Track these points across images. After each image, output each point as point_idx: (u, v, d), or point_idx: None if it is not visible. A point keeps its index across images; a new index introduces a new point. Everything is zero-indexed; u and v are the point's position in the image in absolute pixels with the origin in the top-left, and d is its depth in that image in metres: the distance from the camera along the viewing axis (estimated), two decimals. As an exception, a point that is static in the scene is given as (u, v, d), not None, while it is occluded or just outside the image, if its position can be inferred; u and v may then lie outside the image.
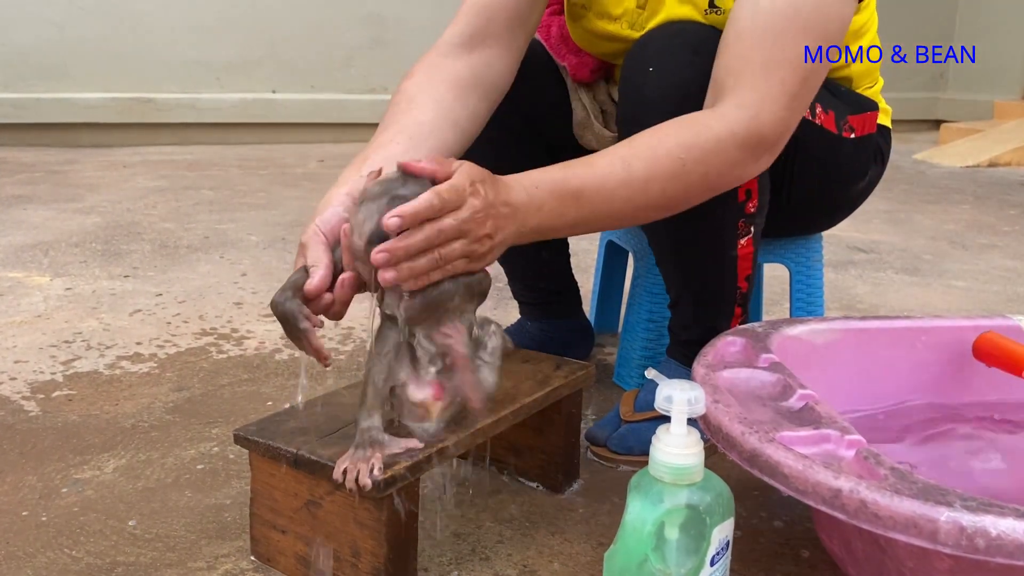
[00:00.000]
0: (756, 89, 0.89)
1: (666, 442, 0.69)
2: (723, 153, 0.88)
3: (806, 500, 0.68)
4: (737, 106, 0.89)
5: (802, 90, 0.91)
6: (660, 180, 0.87)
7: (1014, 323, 1.06)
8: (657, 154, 0.87)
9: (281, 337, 1.54)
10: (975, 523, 0.60)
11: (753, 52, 0.89)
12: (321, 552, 0.82)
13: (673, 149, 0.87)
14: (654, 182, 0.87)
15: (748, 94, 0.89)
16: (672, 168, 0.87)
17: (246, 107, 4.12)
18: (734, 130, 0.88)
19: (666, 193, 0.88)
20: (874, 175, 1.21)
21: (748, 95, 0.89)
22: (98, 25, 3.89)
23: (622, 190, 0.86)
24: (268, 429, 0.84)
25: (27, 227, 2.34)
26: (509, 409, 0.90)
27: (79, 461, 1.09)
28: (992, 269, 2.19)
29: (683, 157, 0.87)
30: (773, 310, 1.74)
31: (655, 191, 0.87)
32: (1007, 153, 4.02)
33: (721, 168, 0.90)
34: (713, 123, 0.88)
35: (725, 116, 0.89)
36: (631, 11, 1.06)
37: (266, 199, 2.84)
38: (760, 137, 0.89)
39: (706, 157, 0.88)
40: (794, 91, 0.90)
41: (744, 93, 0.89)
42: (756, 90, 0.89)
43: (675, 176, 0.87)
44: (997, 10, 5.28)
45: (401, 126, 0.94)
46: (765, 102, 0.89)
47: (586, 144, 1.24)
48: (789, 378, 0.85)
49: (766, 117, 0.89)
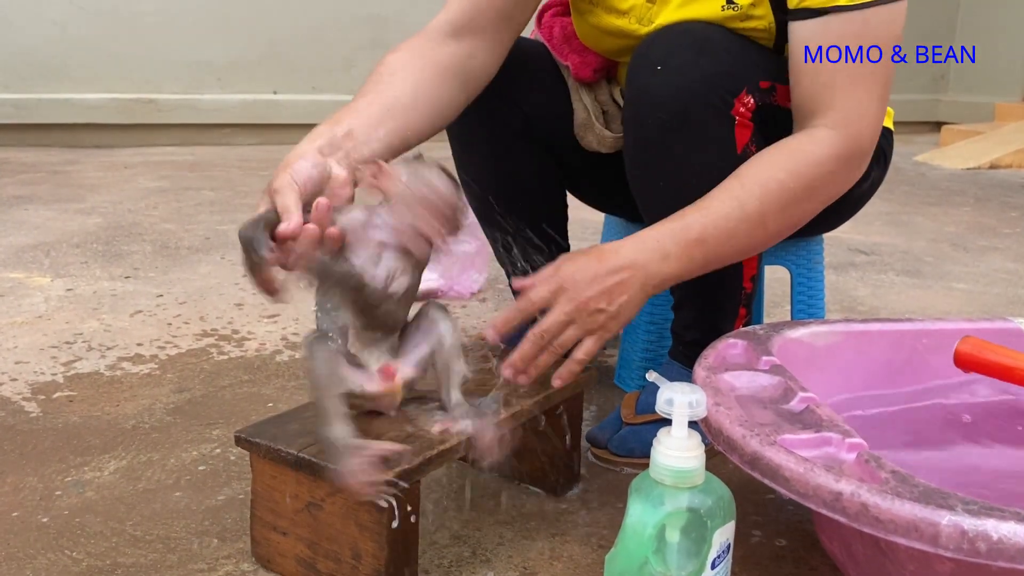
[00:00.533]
0: (847, 109, 0.93)
1: (667, 445, 0.69)
2: (828, 175, 0.93)
3: (807, 503, 0.68)
4: (831, 126, 0.93)
5: (885, 94, 0.95)
6: (775, 213, 0.92)
7: (1015, 326, 1.06)
8: (768, 189, 0.91)
9: (282, 339, 1.54)
10: (976, 527, 0.60)
11: (835, 77, 0.93)
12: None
13: (783, 181, 0.91)
14: (770, 216, 0.92)
15: (839, 114, 0.93)
16: (784, 199, 0.92)
17: (247, 108, 4.12)
18: (833, 152, 0.93)
19: (783, 222, 0.94)
20: (876, 177, 1.21)
21: (839, 115, 0.93)
22: (99, 25, 3.89)
23: (742, 227, 0.91)
24: (269, 431, 0.84)
25: (28, 228, 2.34)
26: (510, 412, 0.90)
27: (80, 462, 1.09)
28: (993, 271, 2.19)
29: (792, 187, 0.91)
30: (774, 312, 1.74)
31: (772, 224, 0.93)
32: (1008, 155, 4.01)
33: (828, 187, 0.95)
34: (813, 148, 0.93)
35: (823, 140, 0.93)
36: (640, 5, 1.06)
37: (267, 200, 2.84)
38: (859, 149, 0.95)
39: (813, 183, 0.93)
40: (880, 96, 0.94)
41: (836, 114, 0.93)
42: (847, 109, 0.93)
43: (788, 206, 0.92)
44: (998, 12, 5.28)
45: (378, 94, 0.96)
46: (859, 117, 0.93)
47: (587, 145, 1.24)
48: (790, 381, 0.85)
49: (863, 130, 0.94)
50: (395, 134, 0.94)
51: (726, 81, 0.97)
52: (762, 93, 0.99)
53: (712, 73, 0.96)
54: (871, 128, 0.95)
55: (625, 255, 0.88)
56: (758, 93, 0.99)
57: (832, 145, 0.92)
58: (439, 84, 1.01)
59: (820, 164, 0.92)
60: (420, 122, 0.98)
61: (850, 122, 0.93)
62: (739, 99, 0.97)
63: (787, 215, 0.93)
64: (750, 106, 0.98)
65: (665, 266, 0.89)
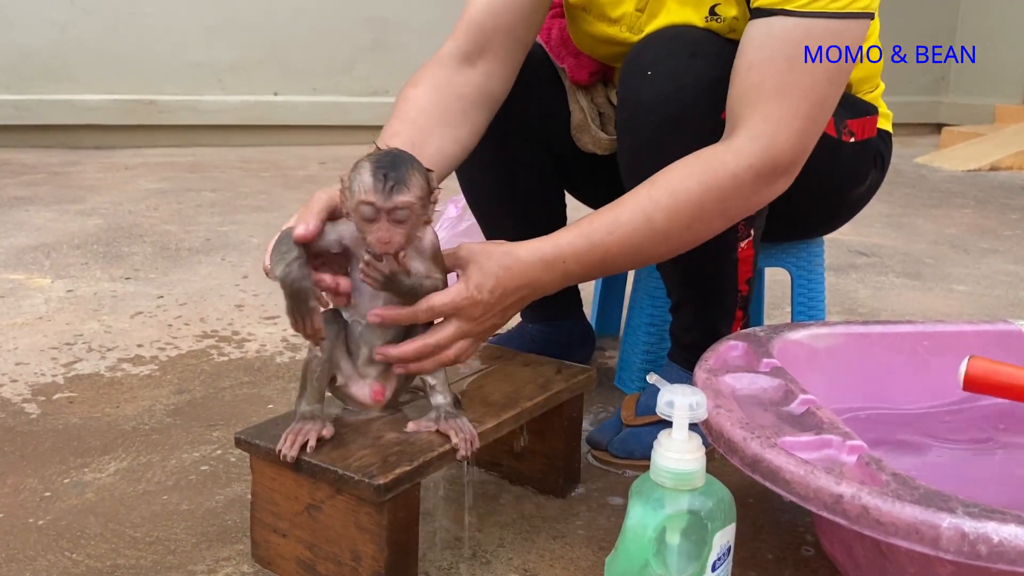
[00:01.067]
0: (769, 118, 0.89)
1: (668, 447, 0.69)
2: (741, 188, 0.90)
3: (808, 506, 0.68)
4: (751, 137, 0.89)
5: (818, 113, 0.91)
6: (681, 227, 0.91)
7: (1015, 328, 1.06)
8: (678, 202, 0.89)
9: (282, 340, 1.54)
10: (977, 529, 0.60)
11: (765, 80, 0.89)
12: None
13: (694, 193, 0.89)
14: (675, 231, 0.90)
15: (761, 124, 0.89)
16: (693, 213, 0.90)
17: (248, 109, 4.12)
18: (750, 163, 0.89)
19: (687, 237, 0.93)
20: (874, 179, 1.21)
21: (761, 125, 0.89)
22: (100, 27, 3.90)
23: (647, 244, 0.90)
24: (269, 432, 0.84)
25: (29, 229, 2.34)
26: (510, 413, 0.90)
27: (80, 464, 1.09)
28: (994, 273, 2.19)
29: (702, 200, 0.89)
30: (774, 314, 1.74)
31: (676, 238, 0.92)
32: (1008, 157, 4.01)
33: (739, 202, 0.92)
34: (729, 159, 0.89)
35: (741, 150, 0.89)
36: (630, 14, 1.06)
37: (268, 201, 2.84)
38: (775, 164, 0.90)
39: (724, 196, 0.90)
40: (809, 114, 0.90)
41: (757, 123, 0.89)
42: (769, 118, 0.89)
43: (695, 220, 0.91)
44: (998, 13, 5.28)
45: (406, 137, 0.96)
46: (780, 129, 0.89)
47: (583, 147, 1.24)
48: (791, 383, 0.85)
49: (782, 144, 0.89)
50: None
51: (716, 86, 0.97)
52: None
53: (702, 78, 0.96)
54: (789, 144, 0.89)
55: (531, 274, 0.87)
56: None
57: (750, 157, 0.89)
58: (462, 117, 1.03)
59: (734, 176, 0.89)
60: (446, 159, 1.01)
61: (770, 134, 0.88)
62: None
63: (693, 231, 0.92)
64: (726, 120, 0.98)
65: (561, 283, 0.90)
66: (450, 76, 1.05)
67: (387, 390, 0.87)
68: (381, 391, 0.86)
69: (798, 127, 0.89)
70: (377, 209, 0.75)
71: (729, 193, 0.90)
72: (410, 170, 0.77)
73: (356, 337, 0.84)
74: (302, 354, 1.47)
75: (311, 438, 0.80)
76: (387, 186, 0.75)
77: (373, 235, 0.76)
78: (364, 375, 0.86)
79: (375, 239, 0.76)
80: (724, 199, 0.90)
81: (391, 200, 0.75)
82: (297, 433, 0.81)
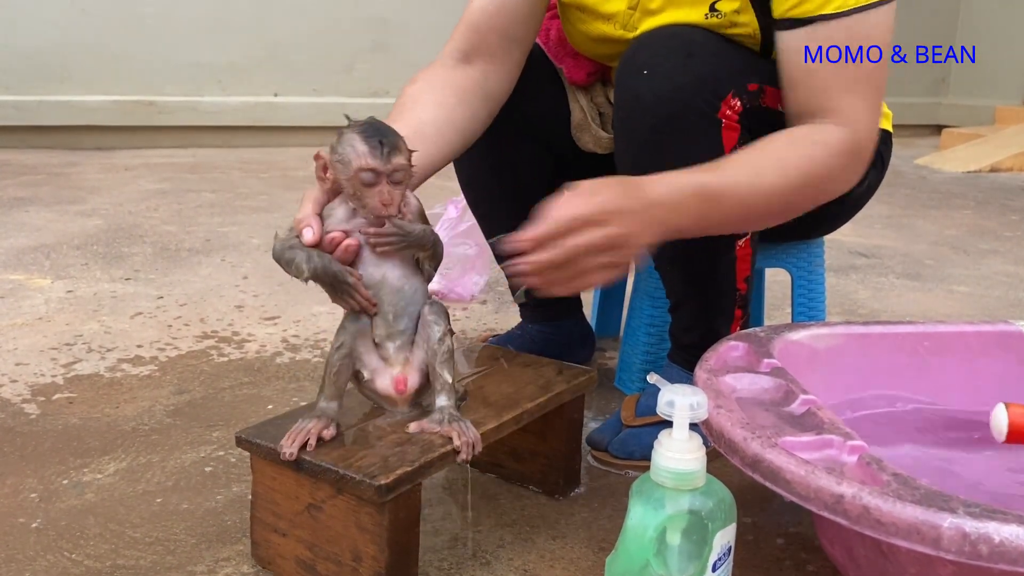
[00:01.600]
0: (845, 109, 0.94)
1: (668, 447, 0.68)
2: (838, 167, 0.95)
3: (808, 506, 0.68)
4: (837, 124, 0.94)
5: (879, 96, 0.97)
6: (787, 191, 0.93)
7: (1016, 328, 1.06)
8: (786, 165, 0.92)
9: (282, 341, 1.54)
10: (978, 529, 0.60)
11: (828, 78, 0.94)
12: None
13: (801, 161, 0.93)
14: (780, 193, 0.93)
15: (840, 116, 0.94)
16: (798, 180, 0.93)
17: (248, 110, 4.12)
18: (844, 145, 0.94)
19: (790, 203, 0.96)
20: (873, 180, 1.21)
21: (840, 117, 0.94)
22: (100, 27, 3.90)
23: (753, 198, 0.91)
24: (270, 432, 0.84)
25: (29, 229, 2.34)
26: (511, 414, 0.90)
27: (79, 464, 1.09)
28: (994, 274, 2.19)
29: (807, 169, 0.93)
30: (775, 315, 1.74)
31: (779, 200, 0.94)
32: (1009, 158, 4.01)
33: (837, 179, 0.97)
34: (826, 137, 0.94)
35: (832, 132, 0.94)
36: (623, 12, 1.07)
37: (268, 202, 2.84)
38: (861, 148, 0.96)
39: (823, 170, 0.94)
40: (874, 99, 0.96)
41: (836, 116, 0.94)
42: (845, 110, 0.94)
43: (800, 187, 0.94)
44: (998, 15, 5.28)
45: (404, 122, 0.97)
46: (860, 119, 0.95)
47: (583, 146, 1.24)
48: (791, 383, 0.85)
49: (862, 131, 0.95)
50: (424, 158, 0.96)
51: (712, 84, 0.97)
52: (750, 96, 0.99)
53: (698, 77, 0.97)
54: (868, 131, 0.96)
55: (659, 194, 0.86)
56: (745, 96, 0.99)
57: (840, 139, 0.94)
58: (460, 104, 1.05)
59: (830, 155, 0.94)
60: (447, 144, 1.02)
61: (851, 123, 0.94)
62: (725, 102, 0.98)
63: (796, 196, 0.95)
64: (737, 109, 0.98)
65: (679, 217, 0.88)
66: (447, 72, 1.07)
67: (410, 381, 0.86)
68: (403, 381, 0.85)
69: (871, 115, 0.96)
70: (378, 173, 0.79)
71: (826, 170, 0.94)
72: (396, 135, 0.81)
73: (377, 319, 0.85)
74: (302, 355, 1.47)
75: (312, 437, 0.80)
76: (384, 151, 0.79)
77: (375, 198, 0.79)
78: (388, 369, 0.85)
79: (378, 201, 0.79)
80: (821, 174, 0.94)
81: (390, 163, 0.79)
82: (299, 432, 0.81)
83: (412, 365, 0.86)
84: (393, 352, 0.85)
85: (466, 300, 1.80)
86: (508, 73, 1.10)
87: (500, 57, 1.09)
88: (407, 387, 0.86)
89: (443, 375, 0.85)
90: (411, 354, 0.86)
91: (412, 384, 0.86)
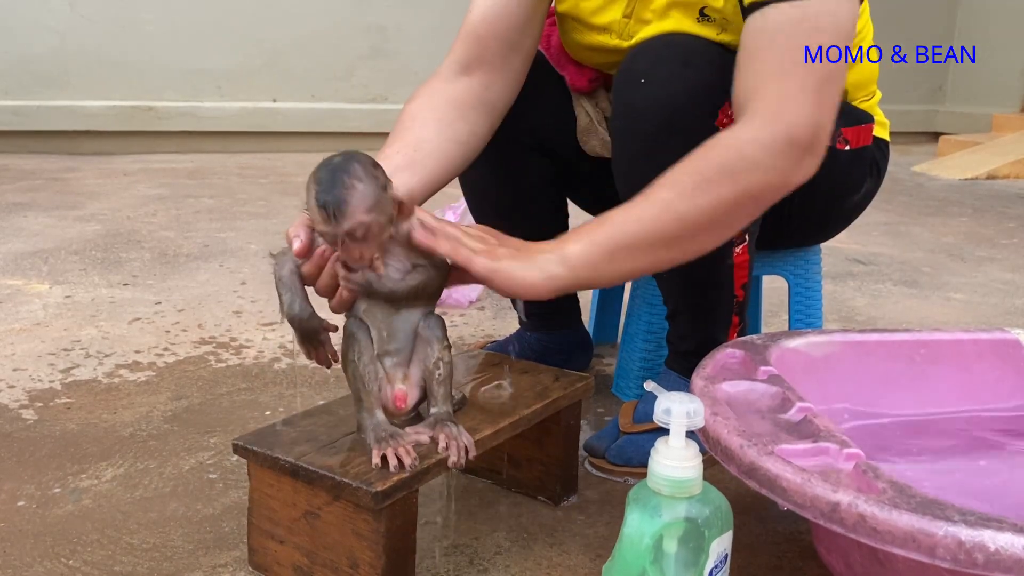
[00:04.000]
0: (771, 95, 0.87)
1: (665, 454, 0.69)
2: (755, 165, 0.86)
3: (804, 513, 0.68)
4: (754, 114, 0.87)
5: (826, 87, 0.88)
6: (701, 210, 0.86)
7: (1012, 336, 1.06)
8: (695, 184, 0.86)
9: (280, 347, 1.54)
10: (973, 538, 0.60)
11: (766, 64, 0.88)
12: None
13: (712, 177, 0.86)
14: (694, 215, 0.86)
15: (764, 102, 0.87)
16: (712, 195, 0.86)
17: (247, 116, 4.13)
18: (757, 137, 0.86)
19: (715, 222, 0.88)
20: (870, 188, 1.21)
21: (764, 103, 0.87)
22: (99, 33, 3.90)
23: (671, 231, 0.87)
24: (267, 439, 0.84)
25: (27, 234, 2.34)
26: (508, 420, 0.90)
27: (77, 470, 1.09)
28: (990, 282, 2.19)
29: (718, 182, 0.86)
30: (772, 322, 1.74)
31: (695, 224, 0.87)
32: (1006, 166, 4.02)
33: (760, 180, 0.87)
34: (733, 140, 0.87)
35: (744, 127, 0.87)
36: (618, 21, 1.07)
37: (266, 208, 2.84)
38: (789, 138, 0.86)
39: (739, 176, 0.86)
40: (816, 88, 0.87)
41: (760, 103, 0.87)
42: (772, 96, 0.87)
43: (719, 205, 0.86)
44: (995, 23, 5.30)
45: (405, 142, 0.98)
46: (785, 103, 0.87)
47: (590, 150, 1.25)
48: (788, 391, 0.85)
49: (789, 117, 0.86)
50: (426, 176, 0.96)
51: (709, 93, 0.97)
52: None
53: (695, 85, 0.97)
54: (805, 119, 0.87)
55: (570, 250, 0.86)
56: None
57: (756, 131, 0.86)
58: (461, 118, 1.04)
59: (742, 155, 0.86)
60: (448, 160, 1.02)
61: (776, 111, 0.87)
62: (723, 110, 0.98)
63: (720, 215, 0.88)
64: (733, 117, 0.98)
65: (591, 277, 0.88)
66: (445, 86, 1.07)
67: (409, 397, 0.86)
68: (403, 398, 0.85)
69: (806, 100, 0.87)
70: (334, 235, 0.75)
71: (743, 174, 0.86)
72: (347, 187, 0.73)
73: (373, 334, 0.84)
74: (301, 360, 1.47)
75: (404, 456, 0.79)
76: (331, 215, 0.73)
77: (342, 255, 0.78)
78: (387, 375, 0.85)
79: (345, 259, 0.78)
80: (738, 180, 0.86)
81: (341, 227, 0.74)
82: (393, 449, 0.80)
83: (411, 381, 0.86)
84: (390, 368, 0.85)
85: (463, 306, 1.80)
86: (509, 82, 1.10)
87: (501, 66, 1.08)
88: (406, 404, 0.86)
89: (440, 392, 0.85)
90: (409, 370, 0.85)
91: (411, 400, 0.86)
